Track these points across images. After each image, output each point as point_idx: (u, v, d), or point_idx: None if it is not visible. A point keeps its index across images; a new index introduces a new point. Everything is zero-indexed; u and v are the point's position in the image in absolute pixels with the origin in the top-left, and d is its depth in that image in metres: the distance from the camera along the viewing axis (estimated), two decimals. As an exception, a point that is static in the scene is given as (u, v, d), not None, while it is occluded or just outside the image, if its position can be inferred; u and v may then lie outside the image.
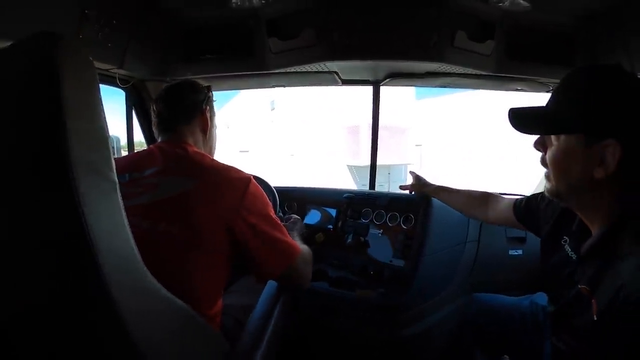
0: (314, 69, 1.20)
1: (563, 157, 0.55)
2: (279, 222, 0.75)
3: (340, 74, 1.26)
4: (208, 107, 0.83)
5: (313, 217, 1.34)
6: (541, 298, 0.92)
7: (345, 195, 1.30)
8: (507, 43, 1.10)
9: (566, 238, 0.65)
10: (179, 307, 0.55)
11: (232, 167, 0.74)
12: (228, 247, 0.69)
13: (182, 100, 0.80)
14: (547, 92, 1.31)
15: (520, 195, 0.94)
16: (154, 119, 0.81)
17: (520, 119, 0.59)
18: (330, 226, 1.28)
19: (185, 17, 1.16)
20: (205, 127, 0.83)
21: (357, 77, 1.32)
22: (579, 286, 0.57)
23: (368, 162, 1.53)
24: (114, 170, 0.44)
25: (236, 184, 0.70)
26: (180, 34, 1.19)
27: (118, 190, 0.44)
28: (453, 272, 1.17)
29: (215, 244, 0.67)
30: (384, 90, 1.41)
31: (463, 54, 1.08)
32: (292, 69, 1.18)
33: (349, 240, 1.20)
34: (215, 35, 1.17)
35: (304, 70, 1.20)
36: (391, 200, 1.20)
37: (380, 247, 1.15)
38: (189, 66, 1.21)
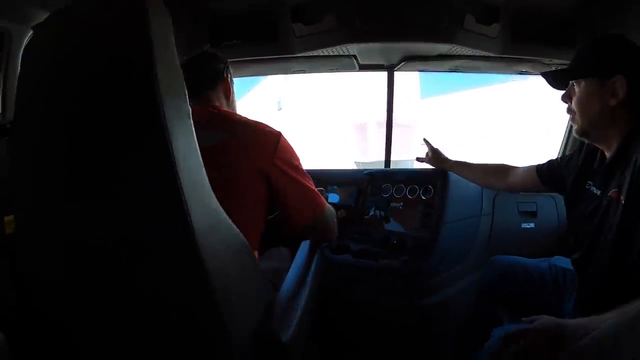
0: (335, 53, 1.31)
1: (585, 98, 0.74)
2: (308, 175, 0.82)
3: (358, 58, 1.36)
4: (229, 75, 0.90)
5: (334, 197, 1.40)
6: (559, 261, 0.99)
7: (365, 172, 1.39)
8: (512, 26, 1.20)
9: (590, 182, 0.78)
10: (237, 235, 0.58)
11: (263, 122, 0.80)
12: (264, 194, 0.75)
13: (206, 68, 0.86)
14: (551, 73, 1.40)
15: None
16: None
17: (552, 77, 0.81)
18: (352, 204, 1.34)
19: (211, 8, 1.25)
20: (228, 92, 0.88)
21: (374, 62, 1.42)
22: (609, 193, 0.71)
23: (375, 159, 1.61)
24: (187, 101, 0.49)
25: (268, 137, 0.77)
26: (205, 24, 1.26)
27: (191, 118, 0.49)
28: (471, 243, 1.24)
29: (253, 190, 0.74)
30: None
31: (472, 36, 1.18)
32: (315, 53, 1.29)
33: (371, 214, 1.27)
34: (240, 23, 1.26)
35: (325, 54, 1.31)
36: (410, 174, 1.28)
37: (401, 219, 1.22)
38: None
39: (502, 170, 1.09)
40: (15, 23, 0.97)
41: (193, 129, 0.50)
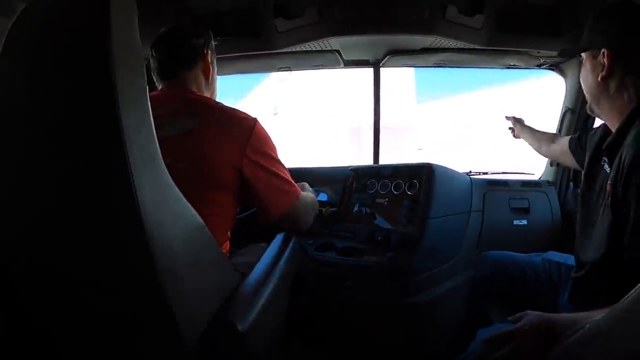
0: (317, 48, 1.29)
1: (584, 72, 0.76)
2: (282, 164, 0.78)
3: (342, 53, 1.34)
4: (209, 51, 0.81)
5: (320, 196, 1.37)
6: (553, 255, 0.97)
7: (350, 168, 1.36)
8: (496, 17, 1.18)
9: (604, 158, 0.75)
10: (194, 216, 0.56)
11: (238, 108, 0.75)
12: (236, 185, 0.71)
13: (182, 45, 0.78)
14: (538, 65, 1.38)
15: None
16: (153, 64, 0.78)
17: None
18: (338, 201, 1.32)
19: (193, 4, 1.24)
20: (208, 72, 0.81)
21: (358, 57, 1.40)
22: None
23: (369, 163, 1.58)
24: (144, 77, 0.48)
25: (243, 124, 0.72)
26: (188, 20, 1.25)
27: (147, 94, 0.48)
28: (460, 240, 1.20)
29: (223, 181, 0.70)
30: (385, 83, 1.48)
31: (455, 28, 1.16)
32: (297, 48, 1.27)
33: (355, 210, 1.25)
34: (222, 19, 1.26)
35: (308, 49, 1.29)
36: (395, 169, 1.25)
37: (386, 215, 1.19)
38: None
39: (553, 139, 1.14)
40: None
41: (149, 105, 0.49)
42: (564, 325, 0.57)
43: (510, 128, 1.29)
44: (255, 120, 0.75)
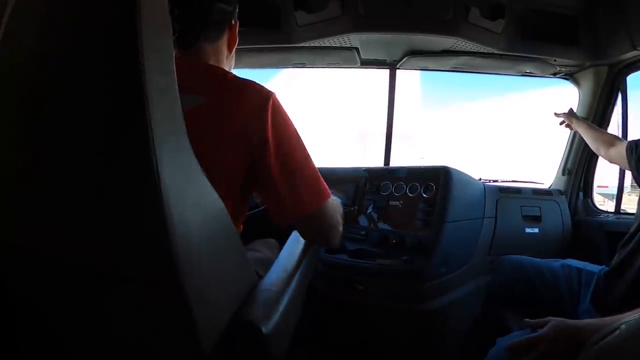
0: (337, 44, 1.28)
1: None
2: (308, 153, 0.64)
3: (360, 51, 1.33)
4: (237, 21, 0.70)
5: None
6: (572, 262, 0.95)
7: (364, 169, 1.34)
8: (516, 23, 1.19)
9: None
10: (218, 204, 0.50)
11: (253, 81, 0.61)
12: (244, 174, 0.59)
13: (208, 13, 0.64)
14: (554, 74, 1.39)
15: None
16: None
17: None
18: (349, 202, 1.28)
19: None
20: (233, 44, 0.70)
21: (376, 56, 1.39)
22: None
23: (378, 164, 1.56)
24: (171, 39, 0.43)
25: (255, 102, 0.58)
26: None
27: (173, 59, 0.42)
28: (473, 246, 1.17)
29: (232, 171, 0.58)
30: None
31: (476, 31, 1.16)
32: (316, 43, 1.26)
33: (368, 212, 1.21)
34: (240, 9, 1.24)
35: (326, 45, 1.28)
36: (410, 172, 1.22)
37: (401, 217, 1.15)
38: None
39: (612, 142, 1.10)
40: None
41: (174, 70, 0.43)
42: (588, 331, 0.55)
43: (563, 123, 1.27)
44: (271, 94, 0.60)
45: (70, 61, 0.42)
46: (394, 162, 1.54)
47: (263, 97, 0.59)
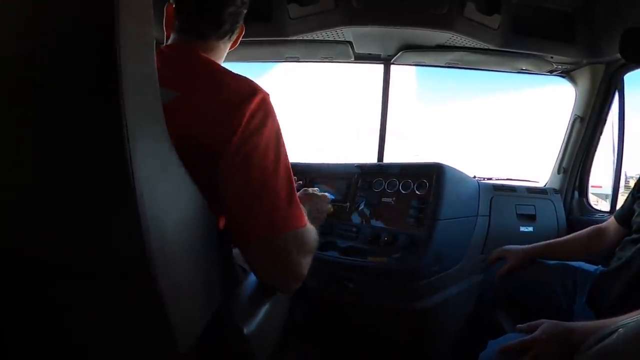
0: (330, 37, 1.25)
1: None
2: (289, 168, 0.55)
3: (354, 45, 1.31)
4: (242, 25, 0.67)
5: (322, 192, 1.34)
6: (567, 261, 0.93)
7: (356, 165, 1.32)
8: (513, 18, 1.17)
9: None
10: (196, 196, 0.47)
11: (244, 76, 0.54)
12: (209, 181, 0.50)
13: (225, 8, 0.59)
14: (550, 71, 1.38)
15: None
16: (174, 22, 0.60)
17: None
18: (341, 199, 1.26)
19: None
20: (234, 45, 0.67)
21: (370, 51, 1.37)
22: None
23: (371, 161, 1.54)
24: (152, 28, 0.41)
25: (237, 94, 0.51)
26: None
27: (153, 47, 0.41)
28: (466, 245, 1.16)
29: (197, 175, 0.48)
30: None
31: (472, 26, 1.14)
32: (309, 36, 1.23)
33: (360, 209, 1.19)
34: None
35: (319, 38, 1.25)
36: (403, 169, 1.20)
37: (393, 215, 1.13)
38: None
39: (594, 234, 0.98)
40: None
41: (154, 58, 0.42)
42: (581, 334, 0.55)
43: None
44: (260, 91, 0.53)
45: (48, 50, 0.40)
46: (388, 159, 1.53)
47: (247, 94, 0.52)
